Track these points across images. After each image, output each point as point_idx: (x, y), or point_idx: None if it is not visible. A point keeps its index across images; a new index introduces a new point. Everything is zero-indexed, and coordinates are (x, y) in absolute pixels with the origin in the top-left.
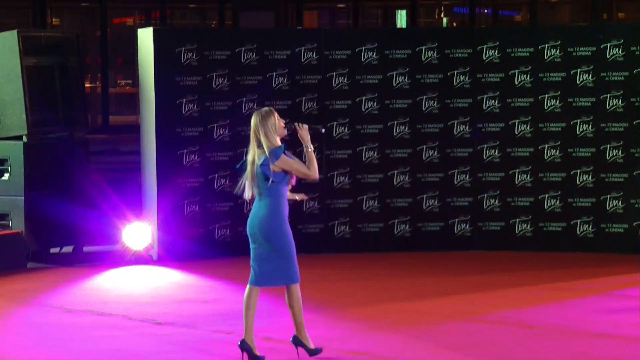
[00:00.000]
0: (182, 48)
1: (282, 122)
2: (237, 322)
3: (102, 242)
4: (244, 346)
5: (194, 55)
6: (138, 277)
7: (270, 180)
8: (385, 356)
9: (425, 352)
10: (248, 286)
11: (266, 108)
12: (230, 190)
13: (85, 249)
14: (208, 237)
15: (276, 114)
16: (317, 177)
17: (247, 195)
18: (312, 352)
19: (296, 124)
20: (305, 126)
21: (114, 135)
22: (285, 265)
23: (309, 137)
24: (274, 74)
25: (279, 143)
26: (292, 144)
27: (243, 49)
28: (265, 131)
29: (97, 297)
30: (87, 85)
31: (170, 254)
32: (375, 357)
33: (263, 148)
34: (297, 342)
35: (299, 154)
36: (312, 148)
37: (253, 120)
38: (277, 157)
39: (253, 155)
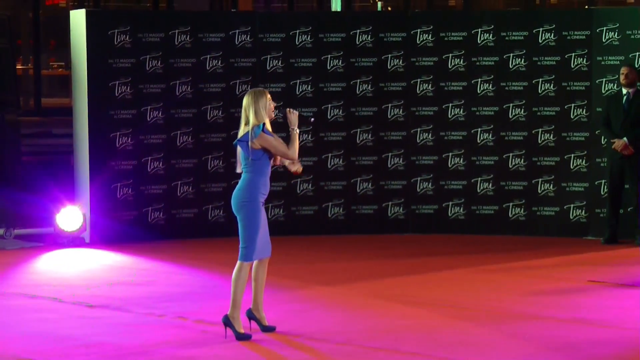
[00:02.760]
0: (115, 30)
1: (273, 105)
2: (169, 305)
3: (33, 225)
4: (251, 315)
5: (127, 38)
6: (70, 260)
7: (251, 157)
8: (319, 338)
9: (359, 334)
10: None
11: (260, 88)
12: (163, 173)
13: (16, 231)
14: (141, 220)
15: (268, 95)
16: (296, 158)
17: (237, 168)
18: (266, 329)
19: (288, 109)
20: (296, 112)
21: (47, 117)
22: (240, 241)
23: (297, 121)
24: (208, 56)
25: (268, 123)
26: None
27: (177, 31)
28: (255, 110)
29: (28, 280)
30: (19, 67)
31: (102, 236)
32: (308, 338)
33: (249, 125)
34: (251, 315)
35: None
36: (298, 131)
37: (245, 99)
38: (256, 135)
39: (241, 131)
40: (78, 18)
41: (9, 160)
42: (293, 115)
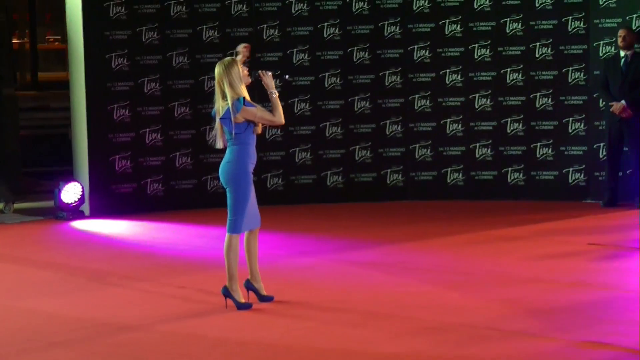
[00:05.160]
0: (111, 2)
1: (245, 71)
2: (170, 276)
3: (33, 199)
4: (249, 285)
5: (123, 9)
6: (71, 233)
7: (236, 132)
8: (319, 306)
9: (359, 301)
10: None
11: (229, 58)
12: (161, 144)
13: (15, 205)
14: (140, 191)
15: (239, 63)
16: (283, 122)
17: (219, 144)
18: (264, 299)
19: (260, 71)
20: (269, 73)
21: (44, 91)
22: (229, 213)
23: (273, 83)
24: (204, 27)
25: (245, 92)
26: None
27: (172, 2)
28: (230, 81)
29: (30, 254)
30: (15, 41)
31: (102, 209)
32: (309, 307)
33: (227, 99)
34: (249, 286)
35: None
36: (277, 94)
37: (217, 70)
38: (238, 110)
39: (218, 106)
40: None
41: (7, 134)
42: (268, 78)
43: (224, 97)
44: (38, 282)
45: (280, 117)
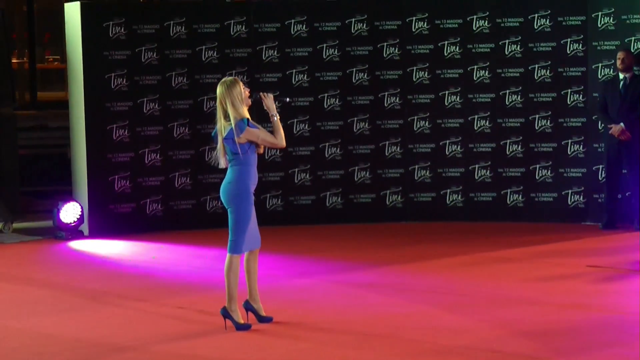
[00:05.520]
0: (110, 22)
1: (247, 92)
2: (168, 296)
3: (32, 218)
4: (248, 306)
5: (122, 29)
6: (69, 253)
7: (239, 152)
8: (318, 327)
9: (358, 323)
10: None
11: (231, 77)
12: (160, 165)
13: (14, 225)
14: (139, 211)
15: (241, 83)
16: (284, 145)
17: (222, 164)
18: (262, 319)
19: (261, 93)
20: (270, 95)
21: (43, 111)
22: (230, 234)
23: (274, 106)
24: (204, 47)
25: (246, 113)
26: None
27: (172, 22)
28: (232, 101)
29: (28, 273)
30: (14, 61)
31: (101, 229)
32: (308, 328)
33: (229, 119)
34: (248, 307)
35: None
36: (278, 117)
37: (218, 90)
38: (242, 130)
39: (221, 126)
40: (73, 11)
41: (6, 154)
42: (269, 100)
43: (226, 117)
44: (36, 301)
45: (281, 140)
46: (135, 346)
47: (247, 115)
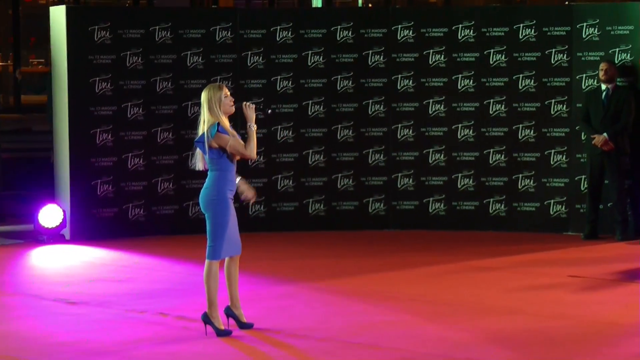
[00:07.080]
0: (96, 26)
1: (229, 100)
2: (150, 301)
3: (13, 222)
4: (229, 312)
5: (108, 34)
6: (50, 257)
7: (206, 157)
8: (299, 334)
9: (339, 330)
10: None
11: (217, 83)
12: (143, 169)
13: None
14: (122, 216)
15: (225, 90)
16: (254, 157)
17: (199, 167)
18: (243, 326)
19: (244, 103)
20: (253, 106)
21: (26, 114)
22: (208, 239)
23: (253, 116)
24: (189, 53)
25: (223, 119)
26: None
27: (157, 27)
28: (209, 106)
29: (8, 277)
30: None
31: (83, 233)
32: (288, 335)
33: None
34: (229, 313)
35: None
36: (255, 127)
37: (202, 94)
38: (212, 135)
39: (199, 129)
40: (58, 14)
41: None
42: (250, 110)
43: (205, 121)
44: (14, 306)
45: (251, 151)
46: (115, 350)
47: (225, 122)
